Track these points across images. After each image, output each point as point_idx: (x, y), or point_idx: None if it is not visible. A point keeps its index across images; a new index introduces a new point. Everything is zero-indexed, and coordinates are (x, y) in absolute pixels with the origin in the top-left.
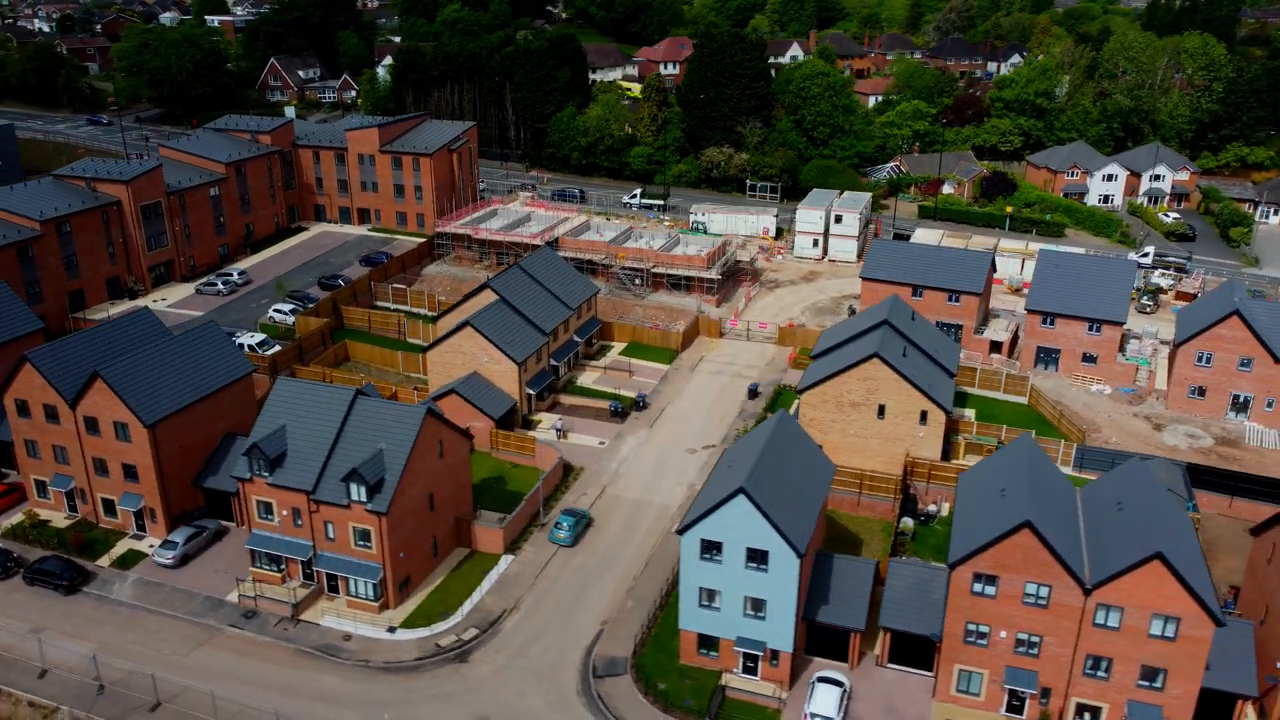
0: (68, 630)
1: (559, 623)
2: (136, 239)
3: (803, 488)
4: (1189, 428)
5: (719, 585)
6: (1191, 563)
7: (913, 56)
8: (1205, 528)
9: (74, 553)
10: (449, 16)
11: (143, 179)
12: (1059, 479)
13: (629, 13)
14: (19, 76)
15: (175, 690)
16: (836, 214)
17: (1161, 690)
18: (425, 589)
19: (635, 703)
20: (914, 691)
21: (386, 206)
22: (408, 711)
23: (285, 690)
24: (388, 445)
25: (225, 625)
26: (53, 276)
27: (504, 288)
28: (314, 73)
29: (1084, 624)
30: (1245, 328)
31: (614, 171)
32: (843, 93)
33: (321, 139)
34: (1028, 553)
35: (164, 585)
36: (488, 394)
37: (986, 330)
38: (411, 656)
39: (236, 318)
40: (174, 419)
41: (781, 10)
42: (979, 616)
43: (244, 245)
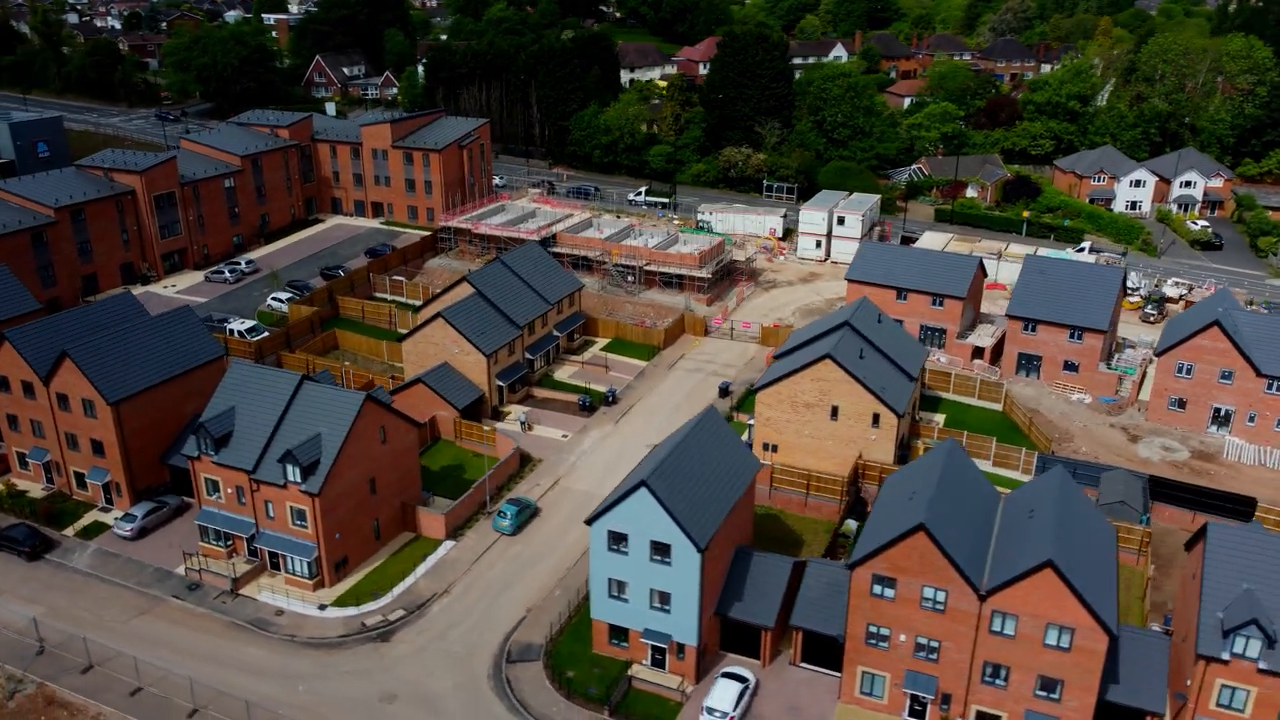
0: (23, 594)
1: (485, 608)
2: (150, 227)
3: (716, 484)
4: (1166, 440)
5: (626, 577)
6: (1096, 574)
7: (961, 58)
8: (1165, 542)
9: (43, 522)
10: (493, 16)
11: (156, 170)
12: (981, 485)
13: (676, 12)
14: (79, 71)
15: (108, 655)
16: (839, 215)
17: (1059, 702)
18: (364, 570)
19: (541, 688)
20: (821, 692)
21: (398, 200)
22: (321, 685)
23: (210, 660)
24: (326, 429)
25: (169, 596)
26: (66, 261)
27: (481, 281)
28: (359, 70)
29: (980, 630)
30: (1226, 339)
31: (634, 170)
32: (864, 94)
33: (339, 134)
34: (924, 556)
35: (120, 556)
36: (455, 384)
37: (971, 335)
38: (336, 634)
39: (238, 305)
40: (139, 398)
41: (835, 10)
42: (879, 619)
43: (259, 235)
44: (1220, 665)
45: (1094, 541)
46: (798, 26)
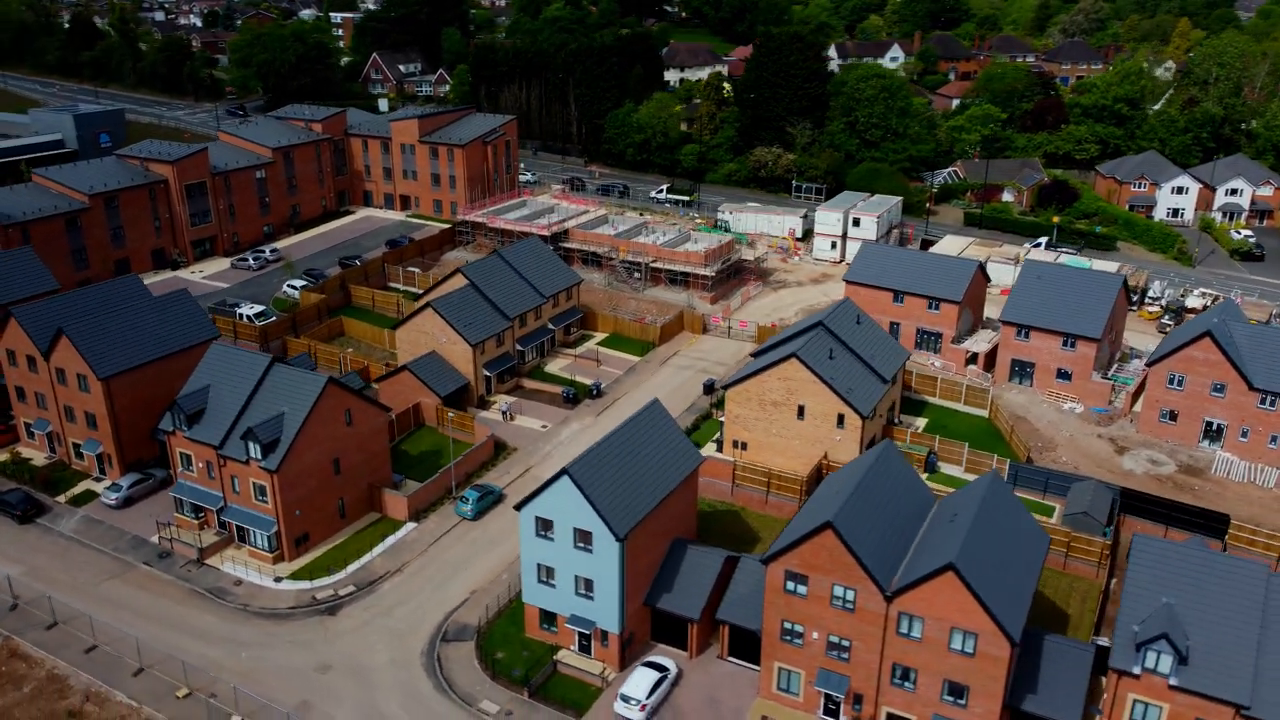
0: (9, 554)
1: (433, 589)
2: (181, 215)
3: (647, 475)
4: (1154, 453)
5: (553, 563)
6: (1010, 581)
7: (1023, 60)
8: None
9: (40, 488)
10: (550, 15)
11: (188, 160)
12: (914, 487)
13: (736, 12)
14: (152, 67)
15: (73, 614)
16: (855, 217)
17: (965, 708)
18: (325, 546)
19: (469, 667)
20: (743, 686)
21: (424, 194)
22: (263, 653)
23: (164, 623)
24: (289, 409)
25: (140, 563)
26: (99, 245)
27: (475, 273)
28: (415, 67)
29: (888, 631)
30: (1218, 350)
31: (666, 168)
32: (899, 94)
33: (372, 129)
34: (833, 554)
35: (103, 523)
36: (440, 372)
37: (968, 340)
38: (286, 605)
39: (258, 291)
40: (130, 374)
41: (901, 10)
42: (792, 615)
43: (289, 225)
44: (1132, 679)
45: (1016, 548)
46: (859, 27)
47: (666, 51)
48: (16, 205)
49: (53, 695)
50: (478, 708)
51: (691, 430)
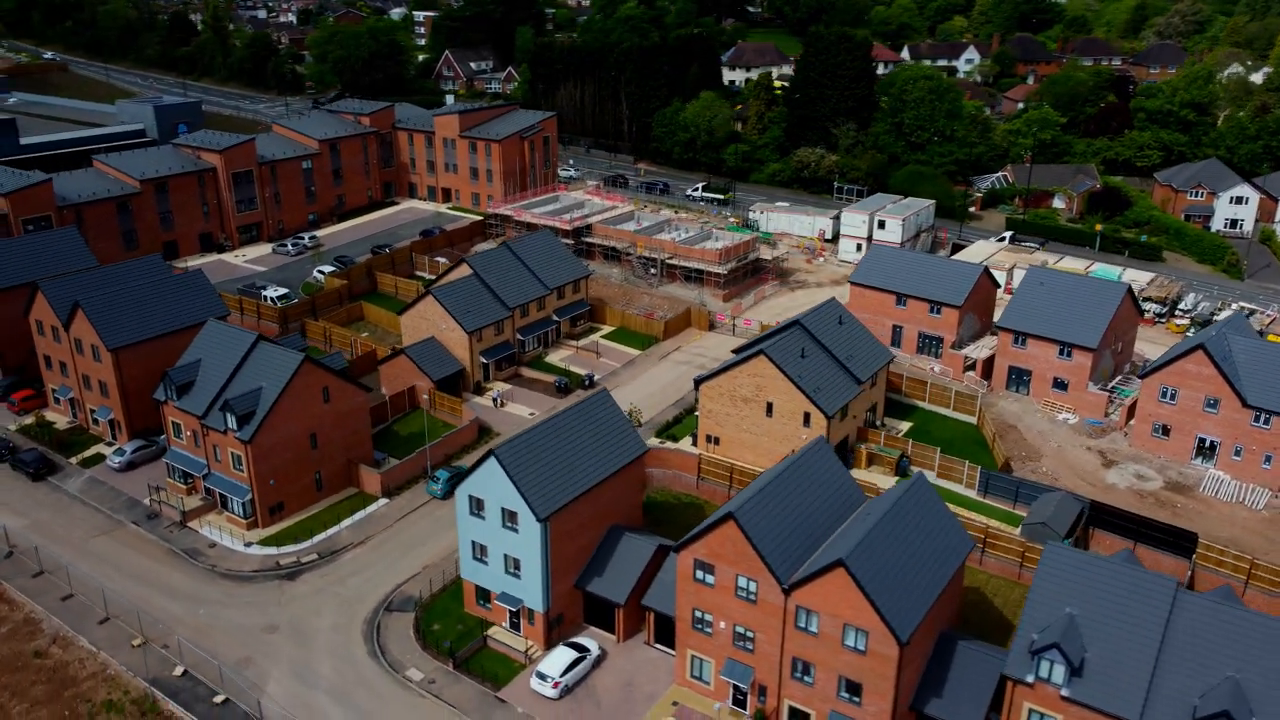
0: (17, 508)
1: (390, 562)
2: (228, 201)
3: (582, 460)
4: (1142, 468)
5: (485, 541)
6: (913, 582)
7: (1108, 63)
8: None
9: (56, 450)
10: (623, 15)
11: (235, 149)
12: (842, 484)
13: (813, 12)
14: (240, 62)
15: (59, 565)
16: (880, 219)
17: (860, 705)
18: (299, 516)
19: (404, 636)
20: (662, 672)
21: (464, 187)
22: (220, 611)
23: (136, 577)
24: (267, 384)
25: (129, 522)
26: (148, 228)
27: (480, 263)
28: (486, 65)
29: (788, 625)
30: (1210, 364)
31: (712, 167)
32: (946, 96)
33: (417, 123)
34: (735, 545)
35: (105, 484)
36: (436, 358)
37: (971, 346)
38: (251, 569)
39: (291, 275)
40: (138, 346)
41: (988, 11)
42: (702, 604)
43: (333, 214)
44: (1027, 688)
45: (928, 550)
46: (939, 28)
47: (734, 51)
48: (73, 188)
49: (25, 636)
50: (404, 674)
51: (674, 424)
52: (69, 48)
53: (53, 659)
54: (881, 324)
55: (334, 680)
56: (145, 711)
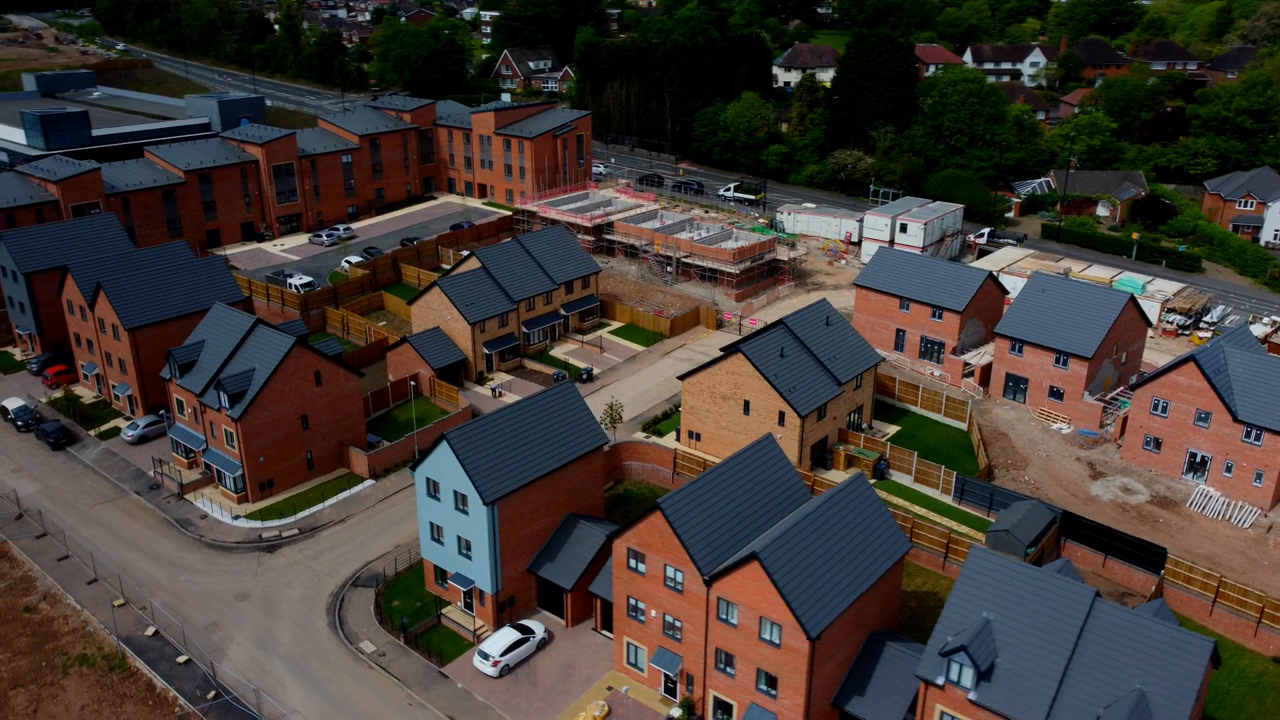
0: (34, 473)
1: (365, 540)
2: (269, 192)
3: (536, 449)
4: (1130, 481)
5: (441, 522)
6: (834, 580)
7: (1182, 67)
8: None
9: (79, 422)
10: (684, 15)
11: (276, 143)
12: (788, 482)
13: (877, 13)
14: (308, 59)
15: (60, 528)
16: (902, 223)
17: (776, 699)
18: (288, 493)
19: (364, 610)
20: (603, 658)
21: (498, 183)
22: (199, 578)
23: (129, 543)
24: (259, 366)
25: (132, 492)
26: (192, 217)
27: (488, 256)
28: (545, 64)
29: (711, 616)
30: (1201, 377)
31: (751, 168)
32: (988, 100)
33: (457, 120)
34: (662, 535)
35: (116, 456)
36: (438, 347)
37: (971, 352)
38: (234, 540)
39: (323, 265)
40: (155, 327)
41: (1065, 13)
42: (635, 592)
43: (372, 207)
44: (938, 690)
45: (857, 549)
46: (1007, 30)
47: (790, 52)
48: (122, 178)
49: (20, 592)
50: (357, 646)
51: (662, 419)
52: (156, 45)
53: (40, 614)
54: (885, 328)
55: (292, 648)
56: (114, 667)
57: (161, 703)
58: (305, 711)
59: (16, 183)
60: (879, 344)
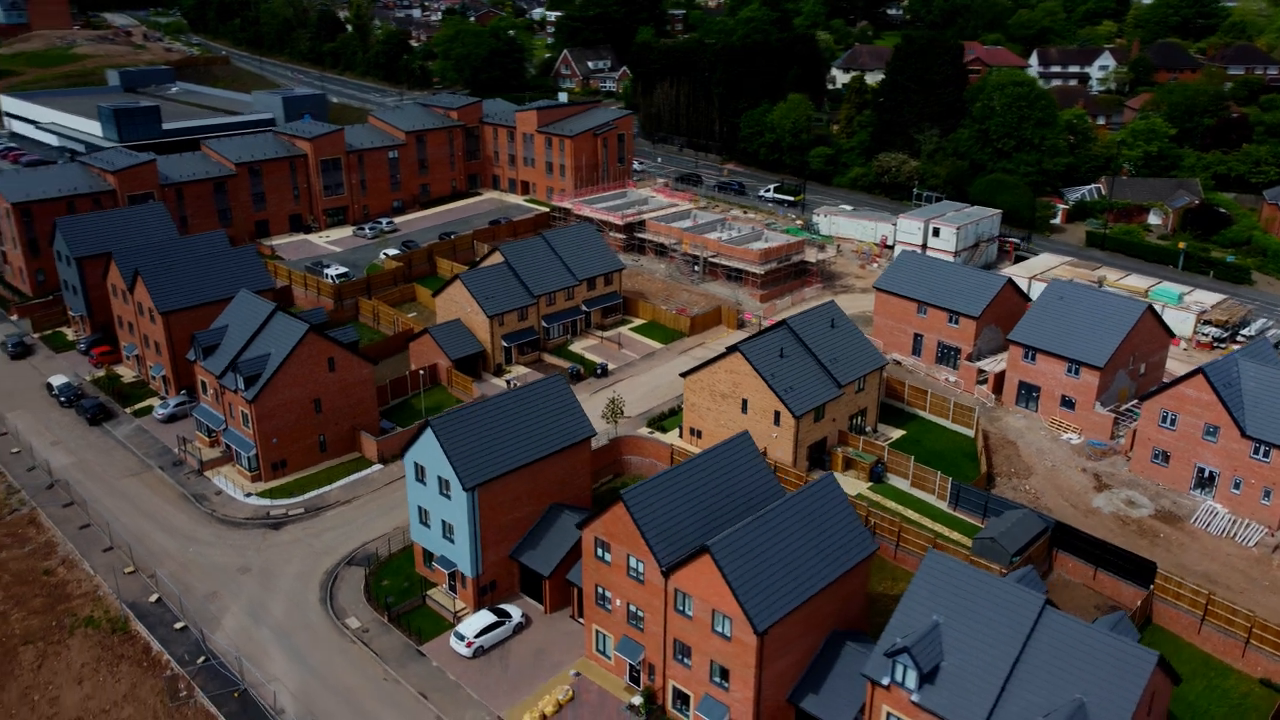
0: (70, 446)
1: (366, 521)
2: (316, 186)
3: (520, 438)
4: (1135, 494)
5: (427, 506)
6: (788, 575)
7: (1262, 71)
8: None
9: (117, 400)
10: (745, 15)
11: (324, 138)
12: (760, 479)
13: (945, 14)
14: (375, 58)
15: (86, 497)
16: (934, 227)
17: (728, 691)
18: (300, 473)
19: (354, 588)
20: (576, 644)
21: (540, 180)
22: (206, 550)
23: (146, 515)
24: (274, 351)
25: (156, 467)
26: (242, 208)
27: (511, 251)
28: (604, 63)
29: (669, 606)
30: (1210, 390)
31: (796, 169)
32: (1036, 104)
33: (503, 118)
34: (625, 525)
35: (147, 433)
36: (457, 339)
37: (987, 359)
38: (243, 516)
39: (363, 257)
40: (186, 312)
41: (1146, 16)
42: (602, 581)
43: (416, 201)
44: (884, 690)
45: (817, 547)
46: (1079, 33)
47: (850, 53)
48: (176, 169)
49: (41, 556)
50: (343, 621)
51: (669, 415)
52: (236, 42)
53: (57, 577)
54: (904, 332)
55: (281, 620)
56: (116, 630)
57: (155, 665)
58: (285, 680)
59: (79, 173)
60: (897, 348)
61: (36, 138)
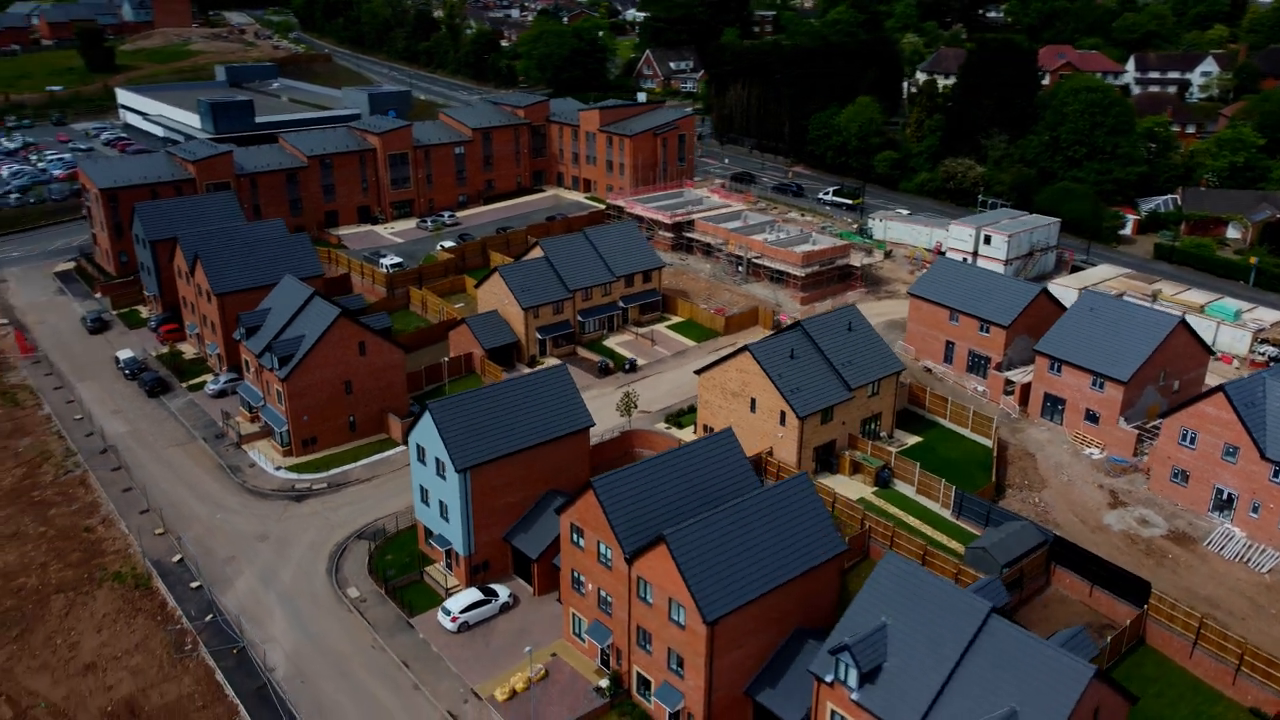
0: (128, 416)
1: (383, 498)
2: (384, 179)
3: (517, 425)
4: (1150, 513)
5: (428, 485)
6: (747, 568)
7: None
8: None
9: (176, 375)
10: (833, 18)
11: (393, 134)
12: (738, 473)
13: (1044, 18)
14: (465, 57)
15: (132, 463)
16: (986, 234)
17: (683, 679)
18: (329, 451)
19: (358, 561)
20: (558, 625)
21: (600, 178)
22: (232, 517)
23: (184, 482)
24: (308, 333)
25: (200, 439)
26: (312, 198)
27: (551, 247)
28: (686, 64)
29: (632, 593)
30: (1230, 409)
31: (862, 173)
32: (1110, 111)
33: (568, 118)
34: (594, 512)
35: (197, 406)
36: (492, 329)
37: (1018, 370)
38: (270, 488)
39: (424, 248)
40: (240, 295)
41: (1266, 19)
42: (577, 565)
43: (481, 196)
44: (828, 687)
45: (782, 544)
46: (1184, 37)
47: (935, 56)
48: (251, 160)
49: (85, 514)
50: (344, 590)
51: (688, 411)
52: (339, 41)
53: (96, 535)
54: (936, 339)
55: (288, 586)
56: (138, 585)
57: (167, 619)
58: (281, 641)
59: (164, 162)
60: (930, 355)
61: (145, 128)
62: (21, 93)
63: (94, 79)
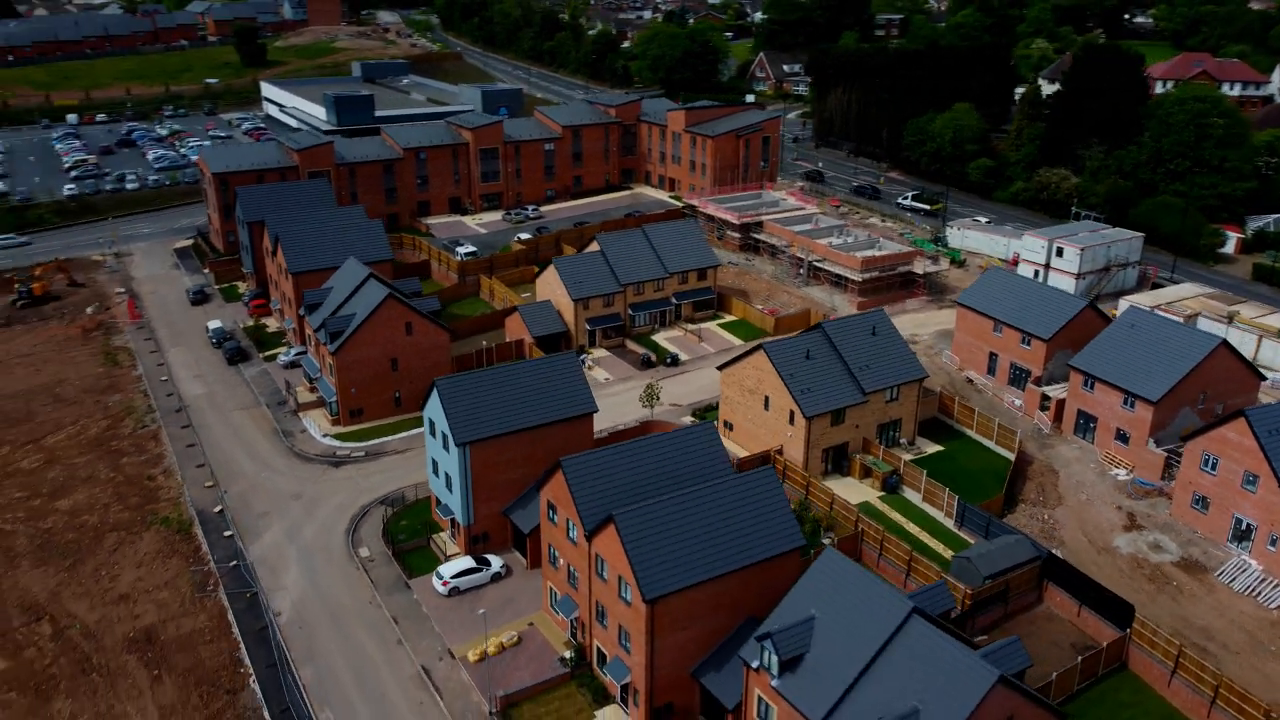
0: (209, 380)
1: (411, 468)
2: (475, 172)
3: (523, 406)
4: (1164, 539)
5: (437, 457)
6: (696, 553)
7: None
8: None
9: (256, 346)
10: (954, 22)
11: (484, 129)
12: (716, 465)
13: (1190, 23)
14: (584, 57)
15: (200, 423)
16: (1058, 247)
17: (629, 655)
18: (373, 422)
19: (375, 525)
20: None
21: (684, 177)
22: (274, 476)
23: (240, 441)
24: (359, 312)
25: (263, 404)
26: (406, 188)
27: (607, 241)
28: (798, 67)
29: (591, 569)
30: (1251, 435)
31: (955, 180)
32: (1215, 123)
33: (657, 117)
34: (562, 490)
35: (269, 375)
36: (542, 318)
37: (1056, 385)
38: (315, 452)
39: (501, 239)
40: (314, 274)
41: None
42: (552, 540)
43: (568, 192)
44: (755, 673)
45: (738, 533)
46: None
47: (1058, 63)
48: (352, 151)
49: (150, 464)
50: (357, 550)
51: (715, 407)
52: (473, 40)
53: (156, 483)
54: (980, 350)
55: (308, 541)
56: (181, 530)
57: (197, 561)
58: (290, 589)
59: (274, 150)
60: (974, 366)
61: (282, 119)
62: (182, 84)
63: (246, 73)
